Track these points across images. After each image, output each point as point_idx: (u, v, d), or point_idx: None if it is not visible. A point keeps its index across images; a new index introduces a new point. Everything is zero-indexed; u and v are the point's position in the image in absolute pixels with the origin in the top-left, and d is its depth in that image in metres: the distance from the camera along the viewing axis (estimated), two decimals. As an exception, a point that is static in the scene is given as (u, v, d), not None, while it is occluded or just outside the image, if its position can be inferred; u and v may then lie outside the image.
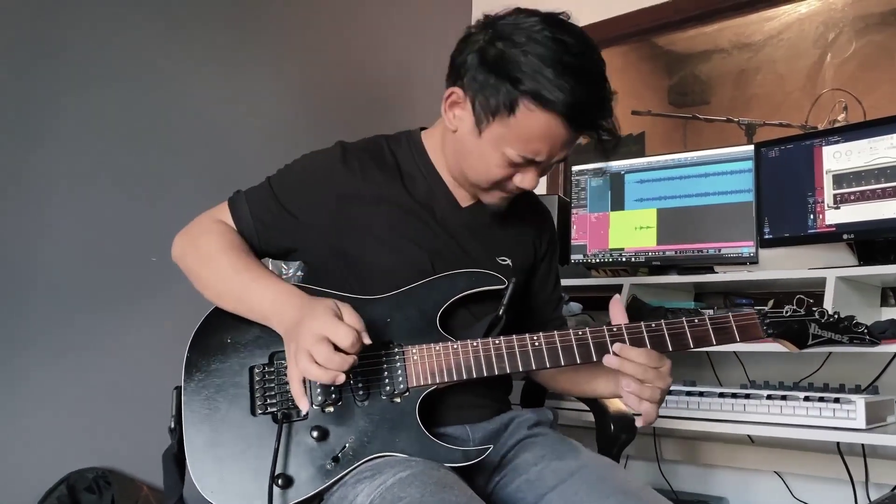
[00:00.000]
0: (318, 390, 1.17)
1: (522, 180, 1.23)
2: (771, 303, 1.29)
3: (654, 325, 1.20)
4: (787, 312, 1.24)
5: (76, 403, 1.98)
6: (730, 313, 1.23)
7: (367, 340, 1.09)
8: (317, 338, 1.06)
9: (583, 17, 1.26)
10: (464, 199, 1.34)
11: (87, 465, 1.96)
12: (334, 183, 1.27)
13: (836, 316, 1.25)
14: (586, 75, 1.14)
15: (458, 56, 1.22)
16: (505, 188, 1.26)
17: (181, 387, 1.20)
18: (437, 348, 1.18)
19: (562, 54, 1.12)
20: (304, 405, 1.10)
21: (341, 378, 1.06)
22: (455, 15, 3.09)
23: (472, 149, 1.22)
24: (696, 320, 1.21)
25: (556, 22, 1.17)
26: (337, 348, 1.06)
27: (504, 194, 1.28)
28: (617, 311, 1.23)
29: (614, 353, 1.18)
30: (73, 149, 2.01)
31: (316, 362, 1.05)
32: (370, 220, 1.27)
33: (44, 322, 1.94)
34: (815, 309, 1.25)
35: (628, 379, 1.18)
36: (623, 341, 1.19)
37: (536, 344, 1.19)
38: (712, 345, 1.21)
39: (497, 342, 1.18)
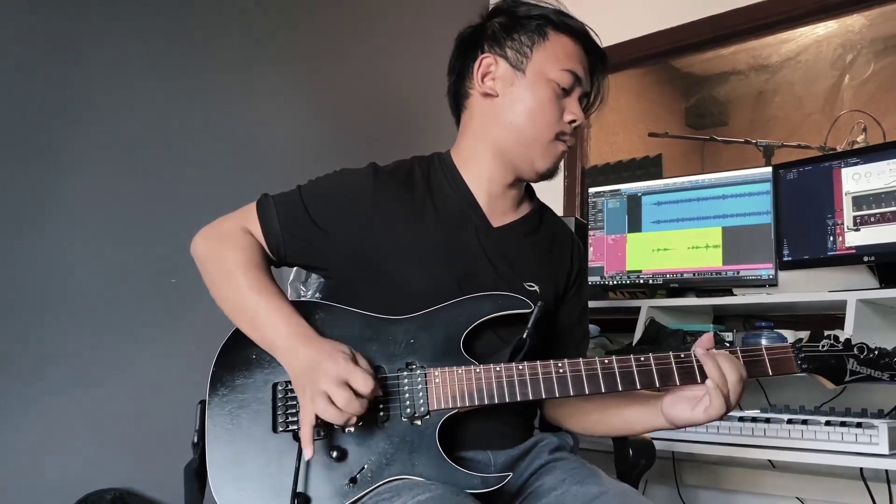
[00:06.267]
0: None
1: (572, 110, 1.30)
2: (807, 335, 1.24)
3: (682, 356, 1.18)
4: (823, 347, 1.19)
5: (95, 424, 1.98)
6: (763, 346, 1.20)
7: (379, 391, 1.14)
8: (337, 381, 1.09)
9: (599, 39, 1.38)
10: (495, 219, 1.34)
11: (105, 485, 1.97)
12: (365, 202, 1.28)
13: (876, 352, 1.19)
14: (580, 21, 1.35)
15: (466, 41, 1.37)
16: (564, 133, 1.31)
17: (205, 401, 1.21)
18: (460, 371, 1.18)
19: (557, 5, 1.35)
20: (309, 452, 1.11)
21: (353, 420, 1.11)
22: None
23: (520, 96, 1.29)
24: (728, 352, 1.18)
25: None
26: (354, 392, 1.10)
27: (562, 146, 1.32)
28: (704, 341, 1.20)
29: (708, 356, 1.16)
30: (95, 171, 2.04)
31: (334, 405, 1.08)
32: (398, 241, 1.27)
33: (63, 342, 1.95)
34: (854, 344, 1.19)
35: (717, 391, 1.14)
36: (650, 372, 1.17)
37: (561, 371, 1.17)
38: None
39: (521, 368, 1.17)
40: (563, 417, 1.39)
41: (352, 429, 1.16)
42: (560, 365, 1.18)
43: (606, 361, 1.18)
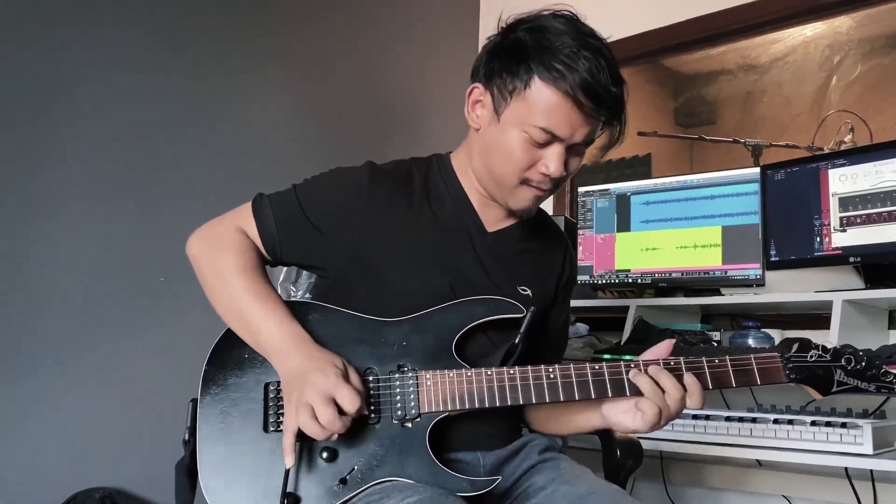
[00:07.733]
0: None
1: (547, 164, 1.22)
2: (796, 346, 1.25)
3: (672, 364, 1.19)
4: (811, 357, 1.19)
5: (84, 422, 1.98)
6: (752, 355, 1.20)
7: (365, 410, 1.12)
8: (324, 397, 1.08)
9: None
10: (490, 224, 1.34)
11: (94, 484, 1.96)
12: (361, 202, 1.28)
13: (864, 363, 1.20)
14: (595, 61, 1.18)
15: (477, 60, 1.29)
16: (532, 180, 1.24)
17: (197, 399, 1.21)
18: (451, 375, 1.18)
19: (573, 40, 1.18)
20: (289, 461, 1.11)
21: (335, 438, 1.11)
22: (463, 36, 3.11)
23: (494, 138, 1.24)
24: (717, 360, 1.19)
25: (565, 16, 1.24)
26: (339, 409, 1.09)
27: (534, 192, 1.26)
28: (661, 349, 1.21)
29: (649, 376, 1.17)
30: (84, 170, 2.03)
31: (317, 420, 1.08)
32: (393, 242, 1.27)
33: (52, 341, 1.94)
34: (842, 354, 1.20)
35: (650, 403, 1.16)
36: None
37: (552, 376, 1.18)
38: (731, 387, 1.19)
39: (511, 372, 1.18)
40: (533, 421, 1.40)
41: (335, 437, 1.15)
42: (551, 370, 1.18)
43: (597, 367, 1.19)
